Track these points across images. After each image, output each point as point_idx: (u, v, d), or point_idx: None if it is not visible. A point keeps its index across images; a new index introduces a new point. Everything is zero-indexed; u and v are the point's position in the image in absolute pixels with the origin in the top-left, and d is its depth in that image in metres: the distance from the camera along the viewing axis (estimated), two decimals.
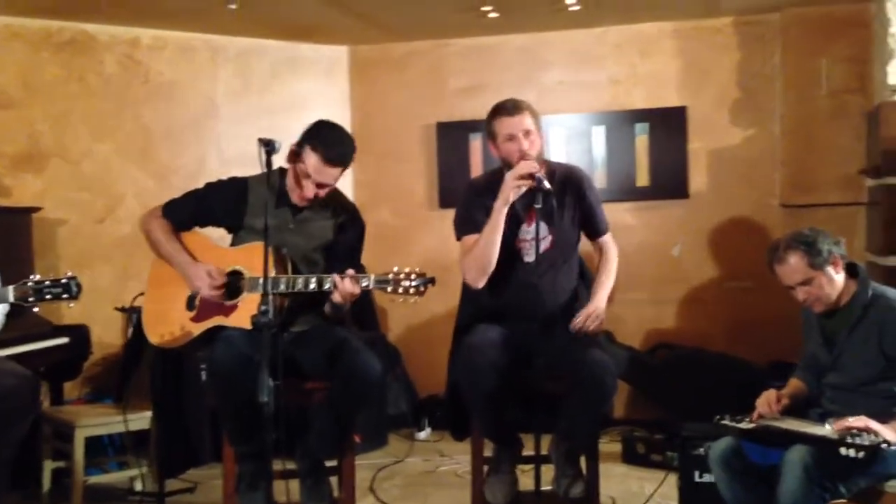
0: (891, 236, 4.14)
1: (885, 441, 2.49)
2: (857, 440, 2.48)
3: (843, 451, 2.49)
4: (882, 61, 4.35)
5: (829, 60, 4.81)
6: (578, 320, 3.06)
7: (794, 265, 2.74)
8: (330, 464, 3.17)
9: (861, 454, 2.46)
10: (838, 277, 2.76)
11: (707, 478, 3.23)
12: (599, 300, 3.14)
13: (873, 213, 4.55)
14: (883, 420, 2.58)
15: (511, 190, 2.97)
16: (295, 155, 3.03)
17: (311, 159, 2.98)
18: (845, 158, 4.80)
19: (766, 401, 2.83)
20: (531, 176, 2.95)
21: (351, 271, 2.88)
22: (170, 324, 3.11)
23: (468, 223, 3.15)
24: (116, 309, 4.46)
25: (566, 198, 3.15)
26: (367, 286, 2.87)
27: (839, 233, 5.15)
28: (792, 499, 2.54)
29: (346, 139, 3.05)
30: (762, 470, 2.72)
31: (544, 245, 3.13)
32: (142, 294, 3.27)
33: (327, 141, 3.00)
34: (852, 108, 4.79)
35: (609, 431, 4.81)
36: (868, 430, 2.52)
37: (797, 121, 4.90)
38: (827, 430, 2.60)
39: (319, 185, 3.02)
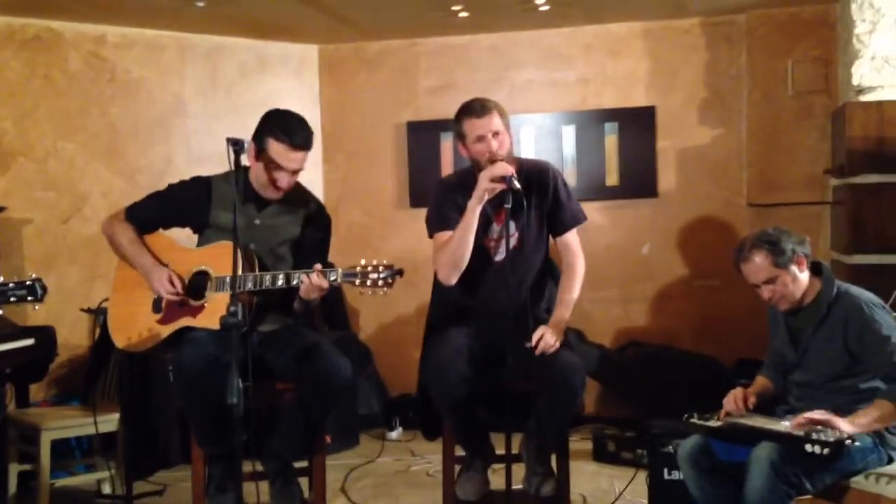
0: (855, 235, 4.20)
1: (850, 437, 2.53)
2: (822, 437, 2.52)
3: (808, 447, 2.53)
4: (846, 62, 4.41)
5: (794, 61, 4.88)
6: (534, 340, 2.98)
7: (758, 264, 2.78)
8: (300, 465, 3.16)
9: (826, 451, 2.50)
10: (802, 276, 2.80)
11: (676, 475, 3.25)
12: (559, 320, 3.07)
13: (838, 212, 4.62)
14: (842, 415, 2.62)
15: (485, 191, 2.97)
16: (258, 150, 3.01)
17: (278, 148, 2.97)
18: (811, 158, 4.87)
19: (733, 399, 2.86)
20: (504, 178, 2.95)
21: (318, 266, 2.87)
22: (136, 327, 3.07)
23: (441, 220, 3.15)
24: (83, 310, 4.40)
25: (533, 195, 3.15)
26: (336, 280, 2.85)
27: (804, 232, 5.20)
28: (759, 495, 2.57)
29: (303, 122, 3.06)
30: (730, 467, 2.75)
31: (512, 243, 3.13)
32: (107, 299, 3.22)
33: (288, 128, 3.00)
34: (817, 108, 4.86)
35: (580, 429, 4.84)
36: (824, 423, 2.57)
37: (763, 121, 4.96)
38: (786, 425, 2.64)
39: (292, 172, 3.03)
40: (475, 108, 3.08)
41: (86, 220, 4.77)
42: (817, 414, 2.61)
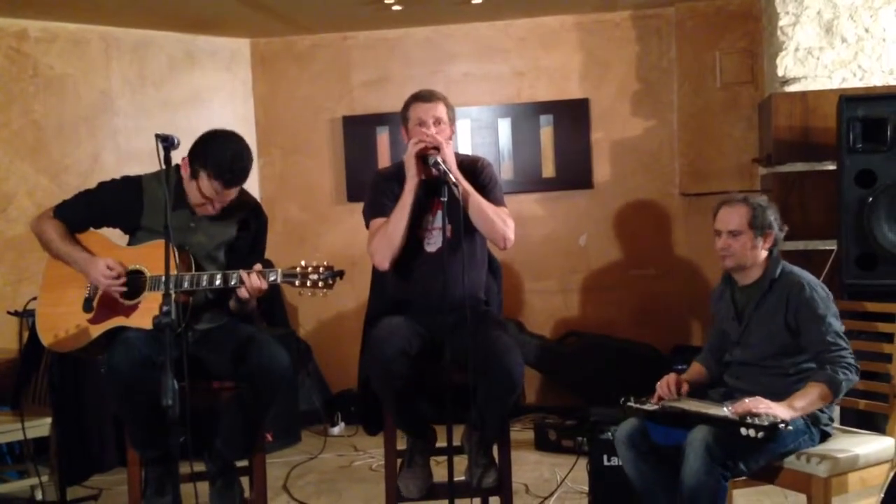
0: (783, 222, 4.30)
1: (784, 421, 2.60)
2: (756, 420, 2.59)
3: (743, 431, 2.60)
4: (771, 54, 4.53)
5: (721, 53, 4.99)
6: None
7: (737, 214, 2.90)
8: (241, 463, 3.12)
9: (761, 434, 2.57)
10: (762, 251, 2.90)
11: (615, 461, 3.29)
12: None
13: None
14: (778, 399, 2.69)
15: (412, 165, 3.00)
16: (192, 171, 2.92)
17: (210, 185, 2.88)
18: (739, 148, 4.99)
19: (666, 384, 2.92)
20: (434, 163, 2.95)
21: (258, 266, 2.84)
22: (65, 326, 2.98)
23: (376, 208, 3.16)
24: (9, 313, 4.26)
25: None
26: (275, 280, 2.83)
27: None
28: (695, 478, 2.63)
29: (241, 154, 2.93)
30: (666, 451, 2.80)
31: (447, 234, 3.12)
32: (35, 298, 3.13)
33: (223, 165, 2.87)
34: (744, 98, 4.99)
35: (521, 419, 4.88)
36: (764, 410, 2.63)
37: (693, 112, 5.07)
38: (726, 411, 2.70)
39: (222, 201, 2.96)
40: (423, 95, 3.15)
41: (11, 220, 4.62)
42: (755, 402, 2.66)
